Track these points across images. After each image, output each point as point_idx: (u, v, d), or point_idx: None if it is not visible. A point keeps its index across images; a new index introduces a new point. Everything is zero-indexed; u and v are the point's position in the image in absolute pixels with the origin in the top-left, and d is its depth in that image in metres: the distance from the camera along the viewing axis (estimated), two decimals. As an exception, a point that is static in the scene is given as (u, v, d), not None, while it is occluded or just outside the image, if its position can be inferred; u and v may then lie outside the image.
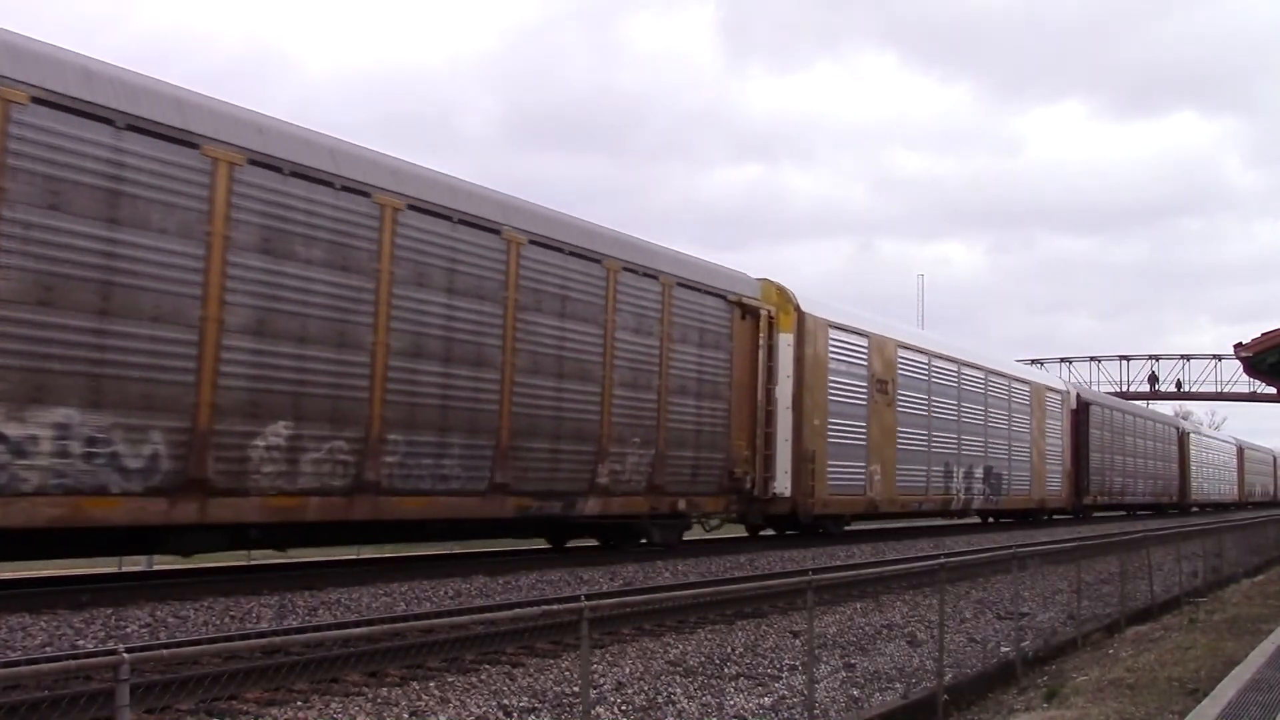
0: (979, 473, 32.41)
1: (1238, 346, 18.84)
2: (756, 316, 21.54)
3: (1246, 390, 64.46)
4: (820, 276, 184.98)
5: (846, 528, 26.82)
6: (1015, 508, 36.87)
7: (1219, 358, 68.11)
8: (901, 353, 27.92)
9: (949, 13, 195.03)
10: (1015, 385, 36.08)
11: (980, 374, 33.04)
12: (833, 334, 24.33)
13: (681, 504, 19.36)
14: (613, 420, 17.63)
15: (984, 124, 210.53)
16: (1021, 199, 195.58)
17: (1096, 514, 45.37)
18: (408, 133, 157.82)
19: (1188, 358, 71.18)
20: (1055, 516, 41.69)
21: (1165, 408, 70.64)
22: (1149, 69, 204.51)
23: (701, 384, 19.88)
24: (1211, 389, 70.33)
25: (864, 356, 25.68)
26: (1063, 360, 72.35)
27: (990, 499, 33.47)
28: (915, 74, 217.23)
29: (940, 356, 30.49)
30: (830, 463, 23.87)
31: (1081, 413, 42.32)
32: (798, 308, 23.16)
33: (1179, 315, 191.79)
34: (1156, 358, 72.27)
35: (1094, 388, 62.69)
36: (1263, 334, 18.21)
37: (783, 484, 22.10)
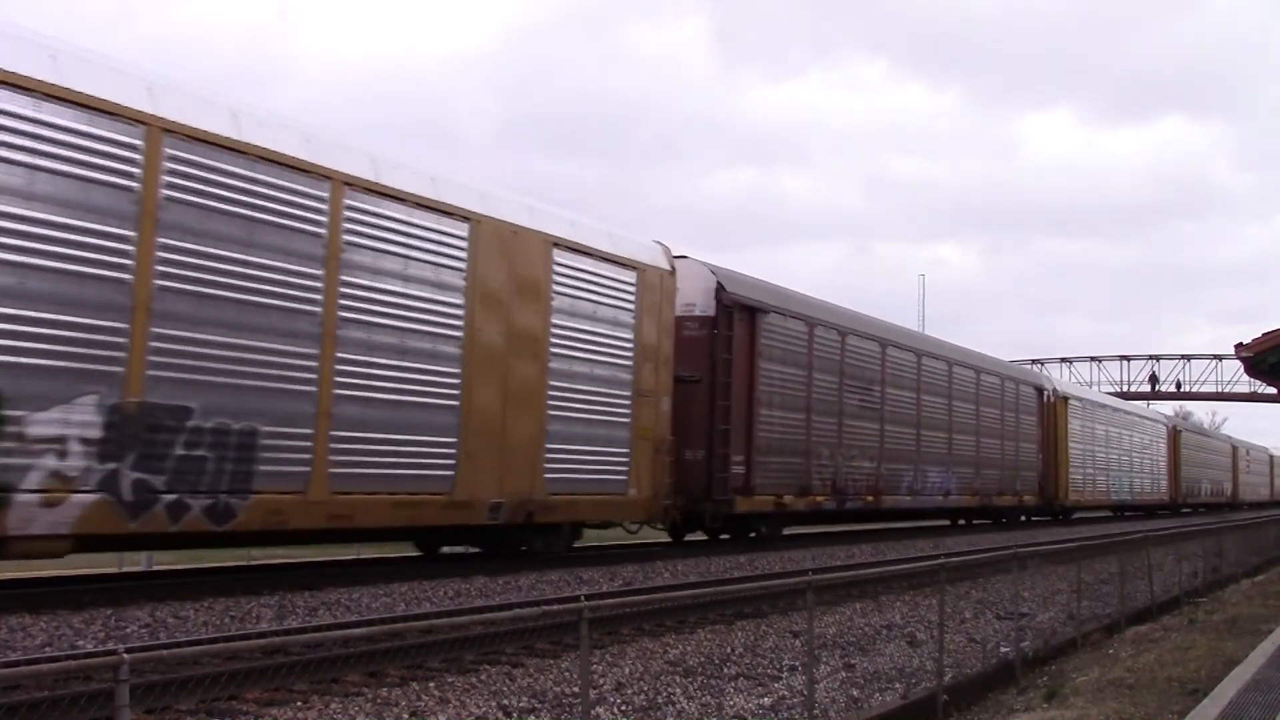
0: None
1: (1238, 346, 18.87)
2: None
3: (1247, 390, 64.41)
4: (817, 278, 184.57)
5: None
6: (361, 526, 13.99)
7: (1219, 358, 68.10)
8: None
9: (937, 21, 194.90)
10: (388, 210, 13.93)
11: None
12: None
13: None
14: None
15: (976, 129, 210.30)
16: (1015, 202, 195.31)
17: (796, 530, 25.00)
18: (408, 134, 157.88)
19: (1188, 358, 71.18)
20: (634, 543, 21.05)
21: (1166, 408, 70.30)
22: (1137, 75, 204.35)
23: None
24: (1212, 389, 70.35)
25: None
26: (1063, 360, 72.38)
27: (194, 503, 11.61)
28: (906, 80, 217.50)
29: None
30: None
31: (739, 327, 20.59)
32: None
33: (1175, 316, 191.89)
34: (1157, 358, 72.27)
35: (1094, 388, 62.48)
36: (1264, 334, 18.24)
37: None
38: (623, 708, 8.13)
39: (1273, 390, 31.93)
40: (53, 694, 6.90)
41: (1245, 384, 61.94)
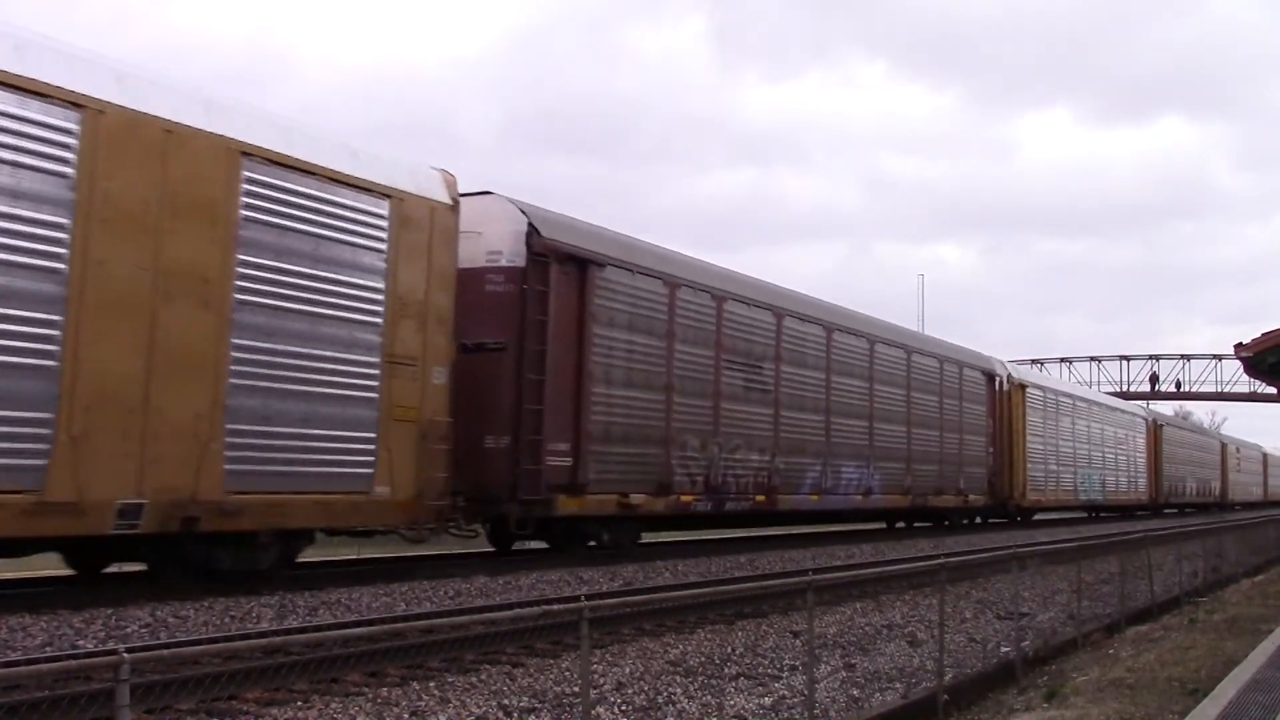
0: None
1: (1238, 346, 18.86)
2: None
3: (1246, 390, 64.42)
4: (816, 278, 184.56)
5: None
6: None
7: (1219, 358, 68.12)
8: None
9: (934, 22, 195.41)
10: None
11: None
12: None
13: None
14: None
15: (974, 130, 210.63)
16: (1014, 202, 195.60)
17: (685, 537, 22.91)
18: (408, 137, 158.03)
19: (1188, 358, 71.21)
20: None
21: (1165, 408, 70.31)
22: (1135, 75, 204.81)
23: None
24: (1212, 389, 70.36)
25: None
26: (1063, 360, 72.44)
27: None
28: (904, 81, 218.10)
29: None
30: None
31: (562, 282, 16.74)
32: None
33: (1174, 316, 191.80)
34: (1157, 358, 72.30)
35: (1094, 388, 62.42)
36: (1263, 334, 18.23)
37: None
38: (623, 708, 8.12)
39: (1272, 390, 31.90)
40: (53, 694, 6.90)
41: (1245, 384, 61.95)
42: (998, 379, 33.46)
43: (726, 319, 20.50)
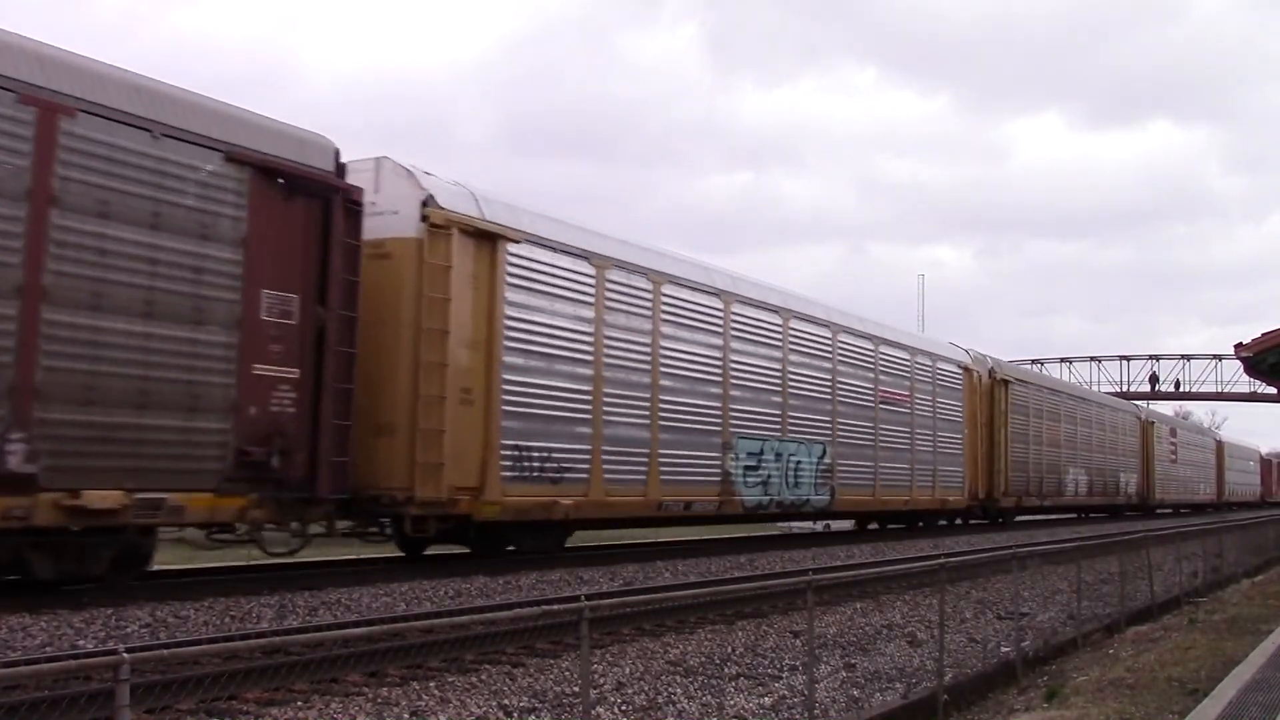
0: None
1: (1238, 346, 18.85)
2: None
3: (1247, 390, 64.41)
4: (814, 278, 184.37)
5: None
6: None
7: (1219, 358, 68.12)
8: None
9: (920, 29, 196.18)
10: None
11: None
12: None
13: None
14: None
15: (967, 133, 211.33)
16: (1008, 204, 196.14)
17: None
18: (408, 139, 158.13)
19: (1188, 358, 71.21)
20: None
21: (1165, 408, 70.19)
22: (1124, 80, 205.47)
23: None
24: (1212, 389, 70.36)
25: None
26: (1063, 360, 72.44)
27: None
28: (896, 86, 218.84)
29: None
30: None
31: None
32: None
33: (1171, 317, 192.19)
34: (1157, 358, 72.30)
35: (1094, 388, 62.41)
36: (1263, 334, 18.22)
37: None
38: (623, 707, 8.12)
39: (1272, 390, 31.87)
40: (53, 694, 6.90)
41: (1245, 384, 61.91)
42: (425, 208, 14.48)
43: None
